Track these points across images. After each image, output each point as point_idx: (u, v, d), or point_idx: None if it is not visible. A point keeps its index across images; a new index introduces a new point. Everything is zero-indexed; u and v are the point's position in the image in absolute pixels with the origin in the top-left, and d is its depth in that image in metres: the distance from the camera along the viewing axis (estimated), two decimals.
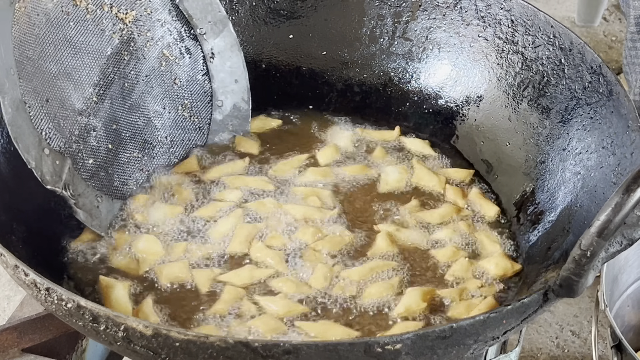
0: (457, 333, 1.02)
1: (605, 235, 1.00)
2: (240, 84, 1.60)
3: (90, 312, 1.02)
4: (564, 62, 1.46)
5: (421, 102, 1.65)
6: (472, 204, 1.48)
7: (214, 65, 1.59)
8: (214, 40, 1.58)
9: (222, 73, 1.59)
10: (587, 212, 1.31)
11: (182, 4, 1.56)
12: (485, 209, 1.47)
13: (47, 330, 1.32)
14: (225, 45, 1.59)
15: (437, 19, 1.62)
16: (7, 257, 1.08)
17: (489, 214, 1.46)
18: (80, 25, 1.43)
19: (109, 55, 1.46)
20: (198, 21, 1.58)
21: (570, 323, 2.13)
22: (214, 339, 0.98)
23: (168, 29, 1.56)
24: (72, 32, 1.42)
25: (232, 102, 1.60)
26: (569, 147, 1.42)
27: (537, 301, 1.07)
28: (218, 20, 1.58)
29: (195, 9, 1.57)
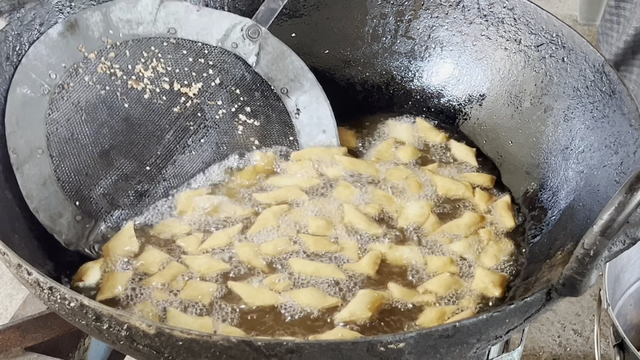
0: (460, 332, 1.02)
1: (609, 234, 1.00)
2: (328, 133, 1.55)
3: (94, 311, 1.01)
4: (567, 61, 1.46)
5: (424, 101, 1.65)
6: (494, 212, 1.46)
7: (299, 121, 1.55)
8: (297, 96, 1.56)
9: (309, 127, 1.55)
10: (589, 210, 1.31)
11: (258, 68, 1.56)
12: (504, 220, 1.45)
13: (49, 329, 1.32)
14: (310, 99, 1.56)
15: (439, 18, 1.62)
16: (10, 256, 1.08)
17: (505, 225, 1.44)
18: (137, 104, 1.47)
19: (172, 127, 1.48)
20: (278, 82, 1.57)
21: (573, 322, 2.13)
22: (217, 338, 0.98)
23: (242, 94, 1.55)
24: (130, 112, 1.46)
25: None
26: (571, 146, 1.42)
27: (540, 300, 1.07)
28: (299, 75, 1.57)
29: (273, 71, 1.57)
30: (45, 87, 1.41)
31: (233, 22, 1.57)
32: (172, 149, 1.47)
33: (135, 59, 1.51)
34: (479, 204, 1.47)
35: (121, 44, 1.51)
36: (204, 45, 1.56)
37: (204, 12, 1.57)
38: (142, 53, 1.52)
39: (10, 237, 1.22)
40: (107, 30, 1.51)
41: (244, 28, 1.57)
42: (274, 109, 1.55)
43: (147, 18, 1.54)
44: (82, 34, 1.48)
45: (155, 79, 1.51)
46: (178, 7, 1.56)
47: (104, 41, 1.50)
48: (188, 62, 1.54)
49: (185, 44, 1.55)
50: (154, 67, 1.52)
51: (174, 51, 1.54)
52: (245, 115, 1.53)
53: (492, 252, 1.38)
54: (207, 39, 1.56)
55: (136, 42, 1.53)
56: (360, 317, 1.26)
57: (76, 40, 1.47)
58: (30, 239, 1.29)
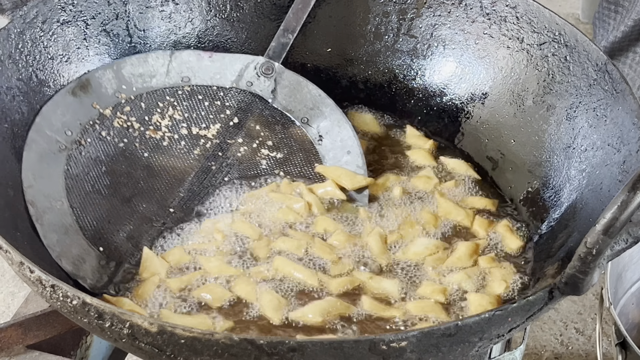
0: (462, 331, 1.02)
1: (611, 233, 1.00)
2: (353, 153, 1.52)
3: (96, 309, 1.02)
4: (569, 60, 1.46)
5: (426, 100, 1.65)
6: (497, 236, 1.43)
7: (323, 147, 1.53)
8: (318, 123, 1.55)
9: (333, 151, 1.53)
10: (592, 209, 1.31)
11: (276, 103, 1.57)
12: (508, 242, 1.42)
13: (51, 327, 1.32)
14: (331, 124, 1.55)
15: (442, 16, 1.62)
16: (13, 253, 1.08)
17: (510, 247, 1.41)
18: (157, 152, 1.48)
19: (193, 170, 1.47)
20: (298, 112, 1.56)
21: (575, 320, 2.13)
22: (219, 336, 0.98)
23: (262, 129, 1.55)
24: (150, 160, 1.47)
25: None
26: (574, 144, 1.42)
27: (542, 299, 1.07)
28: (318, 102, 1.56)
29: (292, 103, 1.57)
30: (62, 143, 1.42)
31: (246, 62, 1.59)
32: (195, 190, 1.46)
33: (151, 110, 1.53)
34: (478, 231, 1.44)
35: (136, 97, 1.53)
36: (219, 88, 1.57)
37: (216, 57, 1.59)
38: (157, 103, 1.54)
39: (13, 235, 1.22)
40: (120, 86, 1.53)
41: (257, 66, 1.58)
42: (296, 139, 1.54)
43: (159, 70, 1.56)
44: (95, 92, 1.50)
45: (173, 127, 1.52)
46: (190, 56, 1.58)
47: (118, 97, 1.52)
48: (204, 106, 1.55)
49: (200, 90, 1.56)
50: (171, 116, 1.53)
51: (189, 98, 1.55)
52: (268, 149, 1.52)
53: (499, 277, 1.35)
54: (222, 82, 1.58)
55: (151, 93, 1.54)
56: (311, 320, 1.25)
57: (90, 98, 1.49)
58: (33, 237, 1.29)
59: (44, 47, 1.46)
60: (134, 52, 1.58)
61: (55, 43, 1.48)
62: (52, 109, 1.44)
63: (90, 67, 1.52)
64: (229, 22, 1.66)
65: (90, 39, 1.54)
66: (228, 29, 1.66)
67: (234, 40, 1.66)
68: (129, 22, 1.59)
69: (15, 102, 1.39)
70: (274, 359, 0.99)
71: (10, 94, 1.39)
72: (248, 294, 1.28)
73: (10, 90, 1.39)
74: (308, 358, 0.99)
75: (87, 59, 1.53)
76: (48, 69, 1.47)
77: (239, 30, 1.66)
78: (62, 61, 1.49)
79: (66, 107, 1.46)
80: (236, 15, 1.65)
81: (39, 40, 1.46)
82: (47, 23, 1.47)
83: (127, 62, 1.54)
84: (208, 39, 1.65)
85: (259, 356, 0.99)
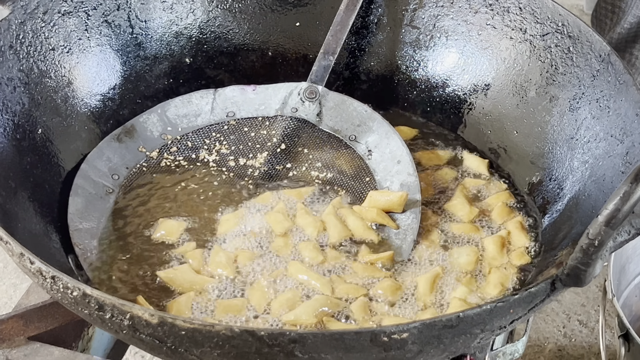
0: (463, 322, 1.02)
1: (614, 225, 1.00)
2: (403, 162, 1.50)
3: (96, 301, 1.01)
4: (573, 50, 1.46)
5: (428, 91, 1.64)
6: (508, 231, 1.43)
7: (373, 161, 1.52)
8: (366, 139, 1.54)
9: (383, 163, 1.51)
10: (595, 201, 1.30)
11: (323, 125, 1.56)
12: (517, 240, 1.41)
13: (53, 319, 1.32)
14: (379, 137, 1.54)
15: (444, 7, 1.61)
16: (13, 245, 1.08)
17: (517, 244, 1.41)
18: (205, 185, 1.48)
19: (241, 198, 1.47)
20: (345, 131, 1.56)
21: (578, 312, 2.13)
22: (219, 327, 0.97)
23: (310, 152, 1.54)
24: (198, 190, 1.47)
25: (399, 183, 1.48)
26: (577, 136, 1.42)
27: (544, 290, 1.07)
28: (364, 118, 1.56)
29: (338, 123, 1.57)
30: (109, 187, 1.44)
31: (289, 90, 1.59)
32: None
33: (197, 147, 1.53)
34: (496, 219, 1.45)
35: (182, 137, 1.54)
36: (264, 118, 1.58)
37: (260, 89, 1.60)
38: (204, 140, 1.54)
39: (14, 226, 1.22)
40: (165, 128, 1.54)
41: (301, 92, 1.58)
42: (345, 158, 1.54)
43: (204, 109, 1.57)
44: (140, 136, 1.52)
45: (220, 161, 1.52)
46: (233, 91, 1.59)
47: (164, 139, 1.53)
48: (250, 137, 1.55)
49: (245, 122, 1.57)
50: (218, 150, 1.53)
51: (235, 131, 1.56)
52: (317, 170, 1.51)
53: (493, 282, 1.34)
54: (266, 112, 1.58)
55: (197, 132, 1.55)
56: (304, 322, 1.25)
57: (135, 142, 1.51)
58: (33, 228, 1.29)
59: (45, 38, 1.46)
60: (135, 44, 1.58)
61: (56, 34, 1.48)
62: (97, 155, 1.46)
63: (92, 58, 1.52)
64: (230, 12, 1.65)
65: (91, 30, 1.53)
66: (230, 19, 1.65)
67: (236, 31, 1.66)
68: (131, 13, 1.58)
69: (16, 93, 1.39)
70: (275, 351, 0.99)
71: (12, 85, 1.38)
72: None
73: (11, 81, 1.38)
74: (309, 349, 0.99)
75: (88, 50, 1.52)
76: (49, 59, 1.46)
77: (241, 21, 1.66)
78: (63, 52, 1.49)
79: (112, 152, 1.48)
80: (238, 6, 1.65)
81: (40, 31, 1.45)
82: (48, 14, 1.46)
83: (171, 104, 1.56)
84: (210, 29, 1.65)
85: (259, 348, 0.98)
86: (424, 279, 1.32)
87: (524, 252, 1.38)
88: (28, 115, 1.40)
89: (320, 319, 1.25)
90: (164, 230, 1.38)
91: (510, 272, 1.36)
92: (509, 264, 1.37)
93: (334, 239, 1.38)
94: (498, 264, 1.37)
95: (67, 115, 1.47)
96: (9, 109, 1.36)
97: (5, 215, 1.22)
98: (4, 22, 1.39)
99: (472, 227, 1.43)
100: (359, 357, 1.02)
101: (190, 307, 1.26)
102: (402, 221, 1.42)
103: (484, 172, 1.54)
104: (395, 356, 1.02)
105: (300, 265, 1.33)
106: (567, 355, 2.04)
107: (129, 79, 1.58)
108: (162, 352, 1.05)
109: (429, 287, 1.32)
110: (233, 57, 1.67)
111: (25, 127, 1.39)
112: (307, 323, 1.25)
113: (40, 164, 1.39)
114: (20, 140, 1.36)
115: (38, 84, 1.43)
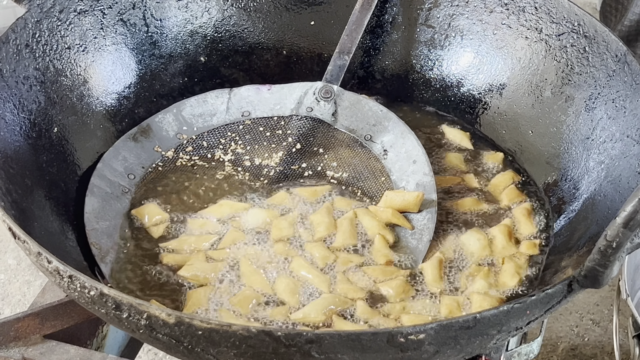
0: (480, 323, 1.02)
1: (632, 226, 0.99)
2: (419, 162, 1.49)
3: (113, 300, 1.01)
4: (588, 50, 1.45)
5: (443, 90, 1.64)
6: (513, 218, 1.44)
7: (388, 161, 1.52)
8: (381, 139, 1.54)
9: (399, 163, 1.51)
10: (611, 201, 1.30)
11: (338, 125, 1.57)
12: (523, 227, 1.42)
13: (69, 317, 1.32)
14: (395, 137, 1.54)
15: (460, 6, 1.61)
16: (30, 244, 1.08)
17: (525, 232, 1.41)
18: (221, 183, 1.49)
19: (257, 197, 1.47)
20: (360, 131, 1.56)
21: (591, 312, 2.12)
22: (236, 327, 0.97)
23: (325, 152, 1.54)
24: (215, 190, 1.48)
25: (415, 183, 1.48)
26: (592, 136, 1.41)
27: (561, 292, 1.07)
28: (380, 118, 1.56)
29: (354, 122, 1.57)
30: (125, 187, 1.45)
31: (304, 89, 1.59)
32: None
33: (213, 147, 1.54)
34: (503, 199, 1.47)
35: (197, 137, 1.54)
36: (279, 118, 1.58)
37: (275, 89, 1.60)
38: (219, 140, 1.55)
39: (30, 225, 1.22)
40: (181, 128, 1.54)
41: (316, 91, 1.58)
42: (360, 157, 1.54)
43: (219, 108, 1.58)
44: (156, 136, 1.52)
45: (236, 160, 1.52)
46: (249, 91, 1.59)
47: (179, 138, 1.53)
48: (266, 136, 1.56)
49: (261, 122, 1.57)
50: (233, 150, 1.53)
51: (250, 131, 1.56)
52: (333, 170, 1.51)
53: (510, 272, 1.35)
54: (282, 111, 1.59)
55: (212, 131, 1.56)
56: (313, 320, 1.25)
57: (151, 142, 1.51)
58: (50, 227, 1.30)
59: (61, 37, 1.46)
60: (151, 42, 1.59)
61: (72, 32, 1.48)
62: (113, 155, 1.47)
63: (107, 56, 1.53)
64: (245, 11, 1.66)
65: (107, 29, 1.53)
66: (245, 18, 1.66)
67: (251, 30, 1.66)
68: (146, 12, 1.58)
69: (32, 91, 1.39)
70: (292, 351, 0.99)
71: (28, 84, 1.39)
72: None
73: (27, 80, 1.39)
74: (325, 350, 0.99)
75: (104, 48, 1.53)
76: (65, 58, 1.47)
77: (256, 19, 1.66)
78: (79, 51, 1.49)
79: (128, 152, 1.48)
80: (253, 5, 1.65)
81: (56, 30, 1.45)
82: (64, 12, 1.47)
83: (187, 104, 1.56)
84: (225, 28, 1.65)
85: (276, 348, 0.99)
86: (429, 266, 1.34)
87: (533, 243, 1.39)
88: (44, 113, 1.40)
89: (329, 317, 1.26)
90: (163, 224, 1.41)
91: (523, 262, 1.36)
92: (519, 253, 1.37)
93: (339, 244, 1.38)
94: (509, 253, 1.37)
95: (82, 113, 1.48)
96: (25, 108, 1.37)
97: (21, 213, 1.23)
98: (20, 21, 1.39)
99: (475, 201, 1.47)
100: (376, 358, 1.02)
101: (207, 299, 1.28)
102: (418, 221, 1.42)
103: (467, 145, 1.56)
104: (411, 357, 1.02)
105: (304, 262, 1.34)
106: (580, 354, 2.04)
107: (144, 77, 1.58)
108: (179, 352, 1.05)
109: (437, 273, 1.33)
110: (248, 56, 1.67)
111: (42, 125, 1.39)
112: (316, 321, 1.25)
113: (56, 163, 1.39)
114: (36, 138, 1.37)
115: (54, 82, 1.44)
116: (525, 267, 1.36)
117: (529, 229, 1.42)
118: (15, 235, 1.11)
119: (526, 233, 1.41)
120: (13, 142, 1.32)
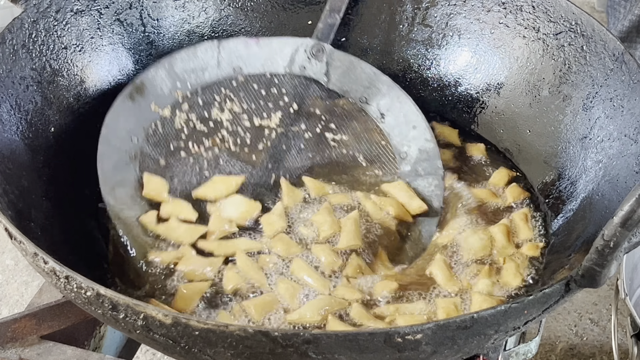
0: (478, 323, 1.01)
1: (629, 226, 0.99)
2: (419, 127, 1.51)
3: (110, 301, 1.01)
4: (586, 49, 1.45)
5: (441, 89, 1.64)
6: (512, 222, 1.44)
7: (386, 124, 1.53)
8: (377, 101, 1.55)
9: (398, 127, 1.52)
10: (608, 201, 1.30)
11: (332, 85, 1.56)
12: (521, 232, 1.42)
13: (66, 318, 1.32)
14: (391, 100, 1.54)
15: (457, 5, 1.61)
16: (27, 244, 1.08)
17: (522, 237, 1.41)
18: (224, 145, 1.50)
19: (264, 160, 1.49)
20: (355, 92, 1.56)
21: (590, 311, 2.12)
22: (233, 328, 0.97)
23: (323, 113, 1.55)
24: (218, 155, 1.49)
25: (417, 148, 1.50)
26: (590, 135, 1.41)
27: (559, 291, 1.06)
28: (374, 80, 1.56)
29: (347, 83, 1.57)
30: (132, 152, 1.45)
31: (295, 46, 1.58)
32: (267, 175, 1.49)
33: (209, 105, 1.53)
34: (508, 197, 1.47)
35: (192, 93, 1.53)
36: (272, 75, 1.57)
37: (263, 42, 1.58)
38: (214, 97, 1.54)
39: (27, 226, 1.22)
40: (175, 84, 1.53)
41: (307, 49, 1.57)
42: (358, 120, 1.54)
43: (210, 62, 1.56)
44: (151, 93, 1.51)
45: (234, 120, 1.52)
46: (237, 44, 1.57)
47: (174, 95, 1.52)
48: (262, 95, 1.55)
49: (254, 79, 1.56)
50: (230, 109, 1.53)
51: (244, 88, 1.56)
52: (332, 132, 1.52)
53: (512, 271, 1.35)
54: (274, 68, 1.57)
55: (206, 88, 1.55)
56: (309, 320, 1.26)
57: (147, 100, 1.50)
58: (46, 227, 1.29)
59: (58, 37, 1.46)
60: (148, 42, 1.58)
61: (68, 32, 1.48)
62: (114, 117, 1.46)
63: (104, 56, 1.52)
64: (242, 11, 1.65)
65: (104, 29, 1.53)
66: (242, 18, 1.65)
67: (248, 29, 1.66)
68: (143, 12, 1.58)
69: (29, 91, 1.39)
70: (289, 351, 0.99)
71: (24, 84, 1.38)
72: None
73: (24, 80, 1.38)
74: (323, 350, 0.99)
75: (100, 48, 1.52)
76: (62, 58, 1.46)
77: (253, 19, 1.65)
78: (75, 51, 1.49)
79: (127, 113, 1.47)
80: (250, 5, 1.65)
81: (53, 30, 1.45)
82: (60, 12, 1.46)
83: (177, 58, 1.54)
84: (222, 28, 1.65)
85: (273, 348, 0.98)
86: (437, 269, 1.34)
87: (535, 245, 1.38)
88: (41, 114, 1.40)
89: (325, 318, 1.26)
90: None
91: (524, 262, 1.36)
92: (519, 253, 1.37)
93: (343, 245, 1.38)
94: (508, 253, 1.37)
95: (79, 113, 1.47)
96: (22, 108, 1.37)
97: (18, 214, 1.22)
98: (17, 21, 1.39)
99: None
100: (373, 358, 1.01)
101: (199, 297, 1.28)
102: (425, 188, 1.43)
103: (455, 141, 1.57)
104: (409, 357, 1.02)
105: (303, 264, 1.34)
106: (578, 354, 2.04)
107: None
108: (176, 352, 1.05)
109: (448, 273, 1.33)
110: None
111: (38, 125, 1.39)
112: (312, 321, 1.25)
113: (53, 163, 1.39)
114: (33, 139, 1.37)
115: (51, 82, 1.43)
116: (526, 267, 1.35)
117: (527, 233, 1.41)
118: (11, 236, 1.10)
119: (524, 237, 1.41)
120: (10, 142, 1.31)
